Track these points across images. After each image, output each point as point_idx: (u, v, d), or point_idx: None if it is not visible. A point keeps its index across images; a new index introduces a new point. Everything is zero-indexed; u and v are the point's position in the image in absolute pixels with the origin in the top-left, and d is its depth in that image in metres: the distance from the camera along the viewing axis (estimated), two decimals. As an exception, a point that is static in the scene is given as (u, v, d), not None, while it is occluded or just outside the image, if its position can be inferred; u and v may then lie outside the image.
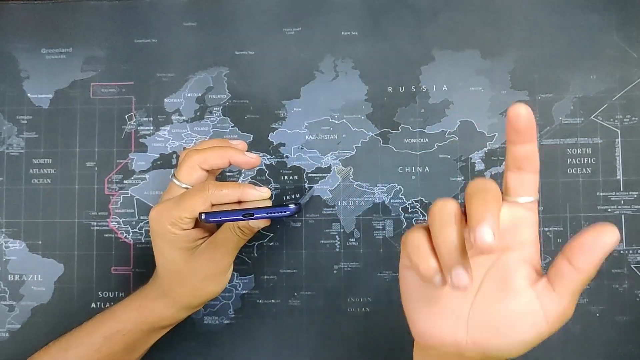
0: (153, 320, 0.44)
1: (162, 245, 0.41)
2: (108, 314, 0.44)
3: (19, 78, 0.52)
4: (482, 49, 0.51)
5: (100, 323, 0.44)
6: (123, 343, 0.44)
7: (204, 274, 0.42)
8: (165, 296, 0.43)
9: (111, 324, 0.44)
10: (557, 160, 0.50)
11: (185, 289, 0.43)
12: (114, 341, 0.43)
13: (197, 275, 0.42)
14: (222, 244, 0.41)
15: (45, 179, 0.51)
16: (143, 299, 0.44)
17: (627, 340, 0.49)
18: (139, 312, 0.44)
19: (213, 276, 0.42)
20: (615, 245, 0.29)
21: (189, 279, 0.42)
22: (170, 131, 0.51)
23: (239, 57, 0.52)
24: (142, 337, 0.44)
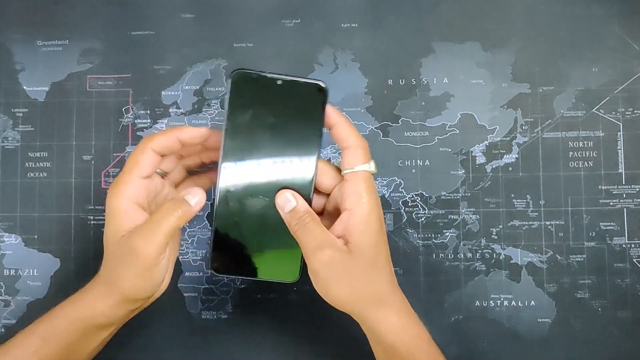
0: (87, 315, 0.40)
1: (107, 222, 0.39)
2: (47, 314, 0.41)
3: (15, 70, 0.51)
4: (483, 41, 0.51)
5: (38, 323, 0.41)
6: (59, 344, 0.40)
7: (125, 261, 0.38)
8: (102, 284, 0.40)
9: (47, 323, 0.40)
10: (558, 153, 0.50)
11: (119, 273, 0.39)
12: (51, 342, 0.40)
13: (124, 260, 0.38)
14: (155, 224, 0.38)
15: (41, 173, 0.51)
16: (80, 293, 0.41)
17: (629, 335, 0.49)
18: (74, 307, 0.40)
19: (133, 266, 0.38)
20: None
21: (121, 263, 0.38)
22: (167, 124, 0.51)
23: (237, 49, 0.51)
24: (79, 338, 0.40)
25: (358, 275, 0.37)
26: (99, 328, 0.41)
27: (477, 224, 0.50)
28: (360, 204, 0.37)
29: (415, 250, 0.50)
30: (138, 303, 0.41)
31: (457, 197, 0.50)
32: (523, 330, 0.49)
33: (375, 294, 0.38)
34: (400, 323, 0.38)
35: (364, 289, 0.37)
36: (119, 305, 0.40)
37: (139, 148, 0.39)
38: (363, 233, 0.37)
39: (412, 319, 0.39)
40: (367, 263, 0.37)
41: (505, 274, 0.49)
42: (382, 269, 0.38)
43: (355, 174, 0.38)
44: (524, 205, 0.49)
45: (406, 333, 0.38)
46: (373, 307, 0.38)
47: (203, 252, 0.50)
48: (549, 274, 0.49)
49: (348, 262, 0.37)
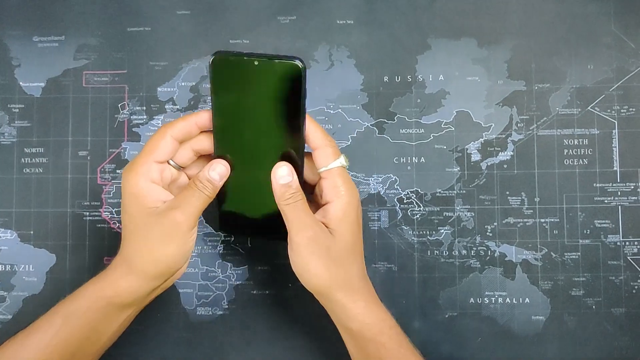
0: (109, 294, 0.40)
1: (129, 201, 0.40)
2: (70, 295, 0.42)
3: (11, 66, 0.52)
4: (479, 38, 0.51)
5: (61, 304, 0.41)
6: (81, 324, 0.41)
7: (162, 234, 0.39)
8: (124, 263, 0.40)
9: (69, 303, 0.41)
10: (553, 151, 0.50)
11: (143, 250, 0.40)
12: (72, 322, 0.41)
13: (155, 234, 0.39)
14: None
15: (37, 168, 0.51)
16: (103, 273, 0.41)
17: (623, 332, 0.49)
18: (96, 287, 0.41)
19: (171, 237, 0.39)
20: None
21: (148, 238, 0.39)
22: (163, 120, 0.51)
23: (233, 46, 0.51)
24: (100, 318, 0.41)
25: (336, 257, 0.40)
26: (120, 307, 0.41)
27: (472, 221, 0.50)
28: (338, 196, 0.40)
29: (410, 247, 0.50)
30: (158, 281, 0.41)
31: (452, 194, 0.50)
32: (517, 328, 0.49)
33: (348, 279, 0.40)
34: (367, 309, 0.40)
35: (339, 271, 0.40)
36: (140, 284, 0.40)
37: (158, 133, 0.40)
38: (342, 221, 0.40)
39: (377, 305, 0.41)
40: (345, 248, 0.40)
41: (499, 271, 0.49)
42: (357, 256, 0.41)
43: (329, 171, 0.40)
44: (519, 202, 0.50)
45: (371, 318, 0.40)
46: (344, 290, 0.40)
47: (198, 249, 0.50)
48: (544, 271, 0.49)
49: (330, 243, 0.39)
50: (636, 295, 0.49)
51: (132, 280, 0.40)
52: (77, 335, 0.41)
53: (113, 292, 0.41)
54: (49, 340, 0.40)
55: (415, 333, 0.49)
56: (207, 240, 0.50)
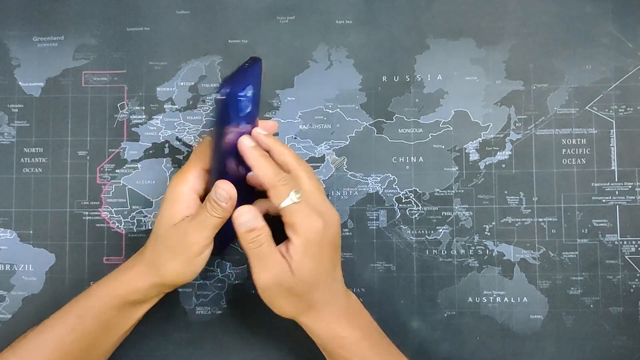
0: (123, 292, 0.42)
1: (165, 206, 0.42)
2: (85, 292, 0.43)
3: (10, 66, 0.52)
4: (477, 38, 0.51)
5: (75, 301, 0.43)
6: (96, 321, 0.42)
7: (174, 248, 0.41)
8: (142, 263, 0.42)
9: (84, 300, 0.43)
10: (551, 150, 0.50)
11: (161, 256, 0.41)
12: (87, 319, 0.42)
13: (170, 246, 0.41)
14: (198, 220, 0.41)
15: (37, 168, 0.51)
16: (118, 271, 0.43)
17: (620, 331, 0.49)
18: (111, 285, 0.43)
19: (180, 254, 0.41)
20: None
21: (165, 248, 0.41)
22: (162, 120, 0.51)
23: (232, 46, 0.51)
24: (114, 316, 0.43)
25: (297, 291, 0.41)
26: (133, 305, 0.43)
27: (470, 221, 0.50)
28: (297, 234, 0.40)
29: (409, 246, 0.50)
30: (169, 287, 0.44)
31: (451, 194, 0.50)
32: (516, 327, 0.49)
33: (311, 306, 0.42)
34: (328, 329, 0.42)
35: (300, 303, 0.42)
36: (156, 287, 0.42)
37: (206, 140, 0.43)
38: (300, 259, 0.40)
39: (339, 324, 0.43)
40: (305, 283, 0.41)
41: (498, 271, 0.49)
42: (317, 288, 0.42)
43: (284, 210, 0.40)
44: (517, 202, 0.50)
45: (331, 336, 0.42)
46: (306, 316, 0.43)
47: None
48: (542, 270, 0.49)
49: (291, 283, 0.41)
50: (634, 294, 0.49)
51: (148, 282, 0.42)
52: (91, 333, 0.42)
53: (128, 291, 0.42)
54: (64, 338, 0.42)
55: (414, 332, 0.49)
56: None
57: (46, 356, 0.42)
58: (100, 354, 0.44)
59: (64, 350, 0.42)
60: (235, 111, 0.40)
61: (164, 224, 0.41)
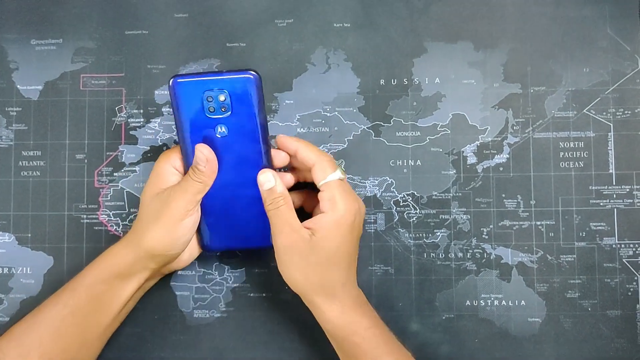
0: (110, 264, 0.43)
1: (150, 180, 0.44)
2: (80, 271, 0.45)
3: (8, 69, 0.52)
4: (475, 41, 0.51)
5: (71, 280, 0.44)
6: (87, 295, 0.43)
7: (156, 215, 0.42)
8: (130, 236, 0.44)
9: (77, 277, 0.44)
10: (549, 154, 0.50)
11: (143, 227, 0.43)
12: (79, 293, 0.43)
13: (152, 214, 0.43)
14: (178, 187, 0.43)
15: (35, 172, 0.51)
16: (111, 247, 0.45)
17: (618, 334, 0.49)
18: (101, 259, 0.44)
19: (162, 220, 0.42)
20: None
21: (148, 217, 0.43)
22: (160, 123, 0.51)
23: (230, 49, 0.51)
24: (105, 290, 0.43)
25: (313, 264, 0.41)
26: (121, 279, 0.44)
27: (468, 224, 0.50)
28: (334, 209, 0.41)
29: (407, 249, 0.50)
30: (157, 260, 0.44)
31: (448, 197, 0.50)
32: (514, 330, 0.49)
33: (325, 285, 0.42)
34: (342, 313, 0.42)
35: (315, 278, 0.42)
36: (141, 259, 0.43)
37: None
38: (329, 231, 0.41)
39: (354, 310, 0.43)
40: (324, 257, 0.41)
41: (495, 274, 0.50)
42: (337, 265, 0.42)
43: (327, 184, 0.42)
44: (515, 205, 0.50)
45: (344, 322, 0.42)
46: (320, 296, 0.42)
47: (195, 251, 0.50)
48: (540, 273, 0.49)
49: (307, 251, 0.41)
50: (631, 298, 0.49)
51: (132, 253, 0.43)
52: (84, 307, 0.43)
53: (113, 264, 0.44)
54: (58, 314, 0.43)
55: (413, 335, 0.49)
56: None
57: (41, 335, 0.42)
58: (94, 335, 0.44)
59: (58, 329, 0.43)
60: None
61: (149, 194, 0.43)
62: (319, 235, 0.41)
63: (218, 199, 0.45)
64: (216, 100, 0.42)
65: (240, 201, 0.45)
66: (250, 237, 0.46)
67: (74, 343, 0.43)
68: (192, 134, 0.43)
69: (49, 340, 0.42)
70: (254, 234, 0.46)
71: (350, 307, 0.42)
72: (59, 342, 0.43)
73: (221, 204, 0.45)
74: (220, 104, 0.42)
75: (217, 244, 0.47)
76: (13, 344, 0.42)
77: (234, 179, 0.44)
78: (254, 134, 0.43)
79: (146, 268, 0.44)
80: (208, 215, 0.45)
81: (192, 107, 0.42)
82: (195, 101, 0.42)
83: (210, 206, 0.45)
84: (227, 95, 0.42)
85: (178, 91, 0.42)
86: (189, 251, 0.46)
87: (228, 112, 0.42)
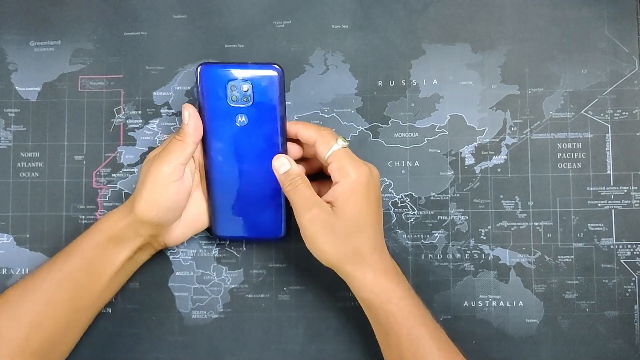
0: (104, 227, 0.44)
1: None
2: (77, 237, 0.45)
3: (7, 71, 0.52)
4: (473, 43, 0.51)
5: (67, 245, 0.45)
6: (81, 259, 0.44)
7: (143, 178, 0.43)
8: (127, 202, 0.45)
9: (74, 242, 0.45)
10: (547, 155, 0.50)
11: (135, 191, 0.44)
12: (73, 257, 0.44)
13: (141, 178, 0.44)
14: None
15: (33, 173, 0.51)
16: (108, 213, 0.46)
17: (616, 335, 0.49)
18: (97, 223, 0.45)
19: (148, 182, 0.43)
20: None
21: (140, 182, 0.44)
22: (159, 124, 0.51)
23: (228, 50, 0.51)
24: (98, 254, 0.44)
25: (340, 234, 0.42)
26: (114, 243, 0.44)
27: (466, 225, 0.50)
28: (345, 176, 0.42)
29: (405, 250, 0.50)
30: (147, 228, 0.44)
31: (446, 198, 0.50)
32: (511, 330, 0.49)
33: (355, 252, 0.42)
34: (375, 280, 0.42)
35: (344, 247, 0.42)
36: (132, 224, 0.44)
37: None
38: (348, 198, 0.42)
39: (386, 277, 0.43)
40: (349, 224, 0.42)
41: (493, 275, 0.50)
42: (363, 231, 0.42)
43: (333, 154, 0.43)
44: (513, 206, 0.50)
45: (379, 289, 0.42)
46: (352, 264, 0.42)
47: (194, 252, 0.50)
48: (537, 274, 0.49)
49: (332, 221, 0.42)
50: (629, 298, 0.49)
51: (125, 217, 0.44)
52: (77, 272, 0.44)
53: (107, 226, 0.44)
54: (52, 278, 0.44)
55: (410, 336, 0.49)
56: (202, 244, 0.50)
57: (34, 299, 0.43)
58: (86, 302, 0.44)
59: (52, 293, 0.43)
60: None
61: (146, 160, 0.45)
62: (338, 205, 0.42)
63: (232, 187, 0.46)
64: (239, 90, 0.44)
65: (254, 190, 0.46)
66: (261, 227, 0.48)
67: (65, 309, 0.43)
68: (212, 119, 0.44)
69: (41, 305, 0.43)
70: (265, 224, 0.47)
71: (383, 274, 0.42)
72: (51, 307, 0.43)
73: (235, 192, 0.46)
74: (243, 94, 0.44)
75: (228, 231, 0.48)
76: (5, 307, 0.43)
77: (250, 168, 0.46)
78: (273, 125, 0.45)
79: (138, 234, 0.44)
80: (221, 202, 0.47)
81: (216, 95, 0.44)
82: (219, 89, 0.44)
83: (224, 193, 0.46)
84: (250, 86, 0.44)
85: (203, 77, 0.44)
86: (182, 228, 0.46)
87: (250, 102, 0.44)
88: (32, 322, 0.42)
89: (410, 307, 0.42)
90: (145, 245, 0.46)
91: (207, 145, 0.45)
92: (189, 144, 0.43)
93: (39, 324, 0.42)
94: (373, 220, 0.43)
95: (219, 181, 0.46)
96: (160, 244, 0.46)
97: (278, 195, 0.46)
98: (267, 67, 0.44)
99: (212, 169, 0.46)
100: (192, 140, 0.43)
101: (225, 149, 0.45)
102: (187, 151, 0.43)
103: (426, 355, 0.41)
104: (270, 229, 0.47)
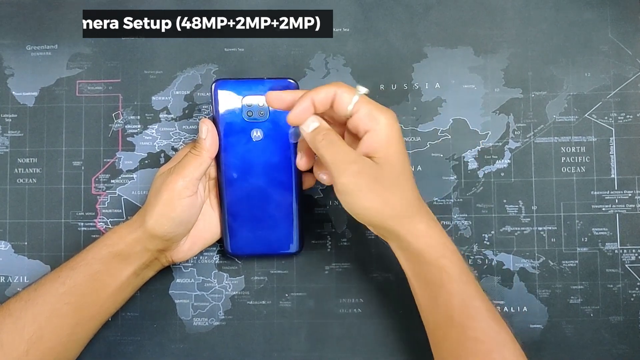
0: (111, 242, 0.43)
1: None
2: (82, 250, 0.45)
3: (4, 75, 0.51)
4: (476, 46, 0.50)
5: (71, 258, 0.44)
6: (85, 273, 0.43)
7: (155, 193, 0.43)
8: (136, 217, 0.44)
9: (78, 255, 0.44)
10: (550, 159, 0.50)
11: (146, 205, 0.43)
12: (77, 271, 0.43)
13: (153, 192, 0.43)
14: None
15: (31, 179, 0.50)
16: (114, 227, 0.45)
17: (621, 340, 0.49)
18: (103, 238, 0.44)
19: (162, 197, 0.42)
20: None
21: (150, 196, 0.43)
22: (158, 130, 0.50)
23: (228, 54, 0.51)
24: (102, 270, 0.43)
25: (388, 185, 0.38)
26: (120, 258, 0.43)
27: (470, 230, 0.49)
28: (376, 122, 0.39)
29: (408, 256, 0.49)
30: (156, 242, 0.43)
31: (449, 203, 0.50)
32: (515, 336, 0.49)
33: (405, 203, 0.39)
34: (429, 230, 0.40)
35: (394, 198, 0.39)
36: (140, 239, 0.43)
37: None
38: (388, 144, 0.39)
39: (438, 228, 0.41)
40: (396, 173, 0.39)
41: (497, 280, 0.49)
42: (409, 179, 0.40)
43: (357, 104, 0.39)
44: (516, 210, 0.49)
45: (434, 240, 0.40)
46: (404, 216, 0.39)
47: (194, 259, 0.50)
48: (541, 279, 0.49)
49: (378, 173, 0.38)
50: (634, 303, 0.49)
51: (134, 232, 0.43)
52: (81, 285, 0.43)
53: (114, 241, 0.43)
54: (57, 289, 0.43)
55: (413, 342, 0.49)
56: (202, 251, 0.50)
57: (36, 311, 0.42)
58: (89, 315, 0.44)
59: (54, 306, 0.42)
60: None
61: (159, 173, 0.44)
62: (380, 155, 0.38)
63: (245, 203, 0.46)
64: (255, 105, 0.44)
65: (267, 206, 0.46)
66: (276, 244, 0.47)
67: (68, 323, 0.43)
68: (228, 134, 0.44)
69: (44, 317, 0.42)
70: (279, 240, 0.47)
71: (435, 224, 0.40)
72: (53, 320, 0.42)
73: (248, 208, 0.46)
74: (258, 109, 0.44)
75: (241, 249, 0.47)
76: (8, 318, 0.42)
77: (264, 183, 0.46)
78: (288, 140, 0.45)
79: (146, 250, 0.43)
80: (234, 219, 0.46)
81: (231, 110, 0.44)
82: (234, 104, 0.44)
83: (237, 209, 0.46)
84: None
85: (219, 93, 0.44)
86: (190, 241, 0.46)
87: (266, 117, 0.45)
88: (34, 334, 0.41)
89: (461, 263, 0.40)
90: (152, 261, 0.45)
91: (222, 161, 0.45)
92: (206, 159, 0.43)
93: (40, 336, 0.42)
94: (410, 168, 0.40)
95: (233, 197, 0.46)
96: (168, 259, 0.46)
97: (292, 211, 0.46)
98: (282, 81, 0.44)
99: (226, 185, 0.45)
100: (208, 155, 0.43)
101: (240, 164, 0.45)
102: (203, 166, 0.42)
103: (477, 316, 0.39)
104: (285, 244, 0.47)
